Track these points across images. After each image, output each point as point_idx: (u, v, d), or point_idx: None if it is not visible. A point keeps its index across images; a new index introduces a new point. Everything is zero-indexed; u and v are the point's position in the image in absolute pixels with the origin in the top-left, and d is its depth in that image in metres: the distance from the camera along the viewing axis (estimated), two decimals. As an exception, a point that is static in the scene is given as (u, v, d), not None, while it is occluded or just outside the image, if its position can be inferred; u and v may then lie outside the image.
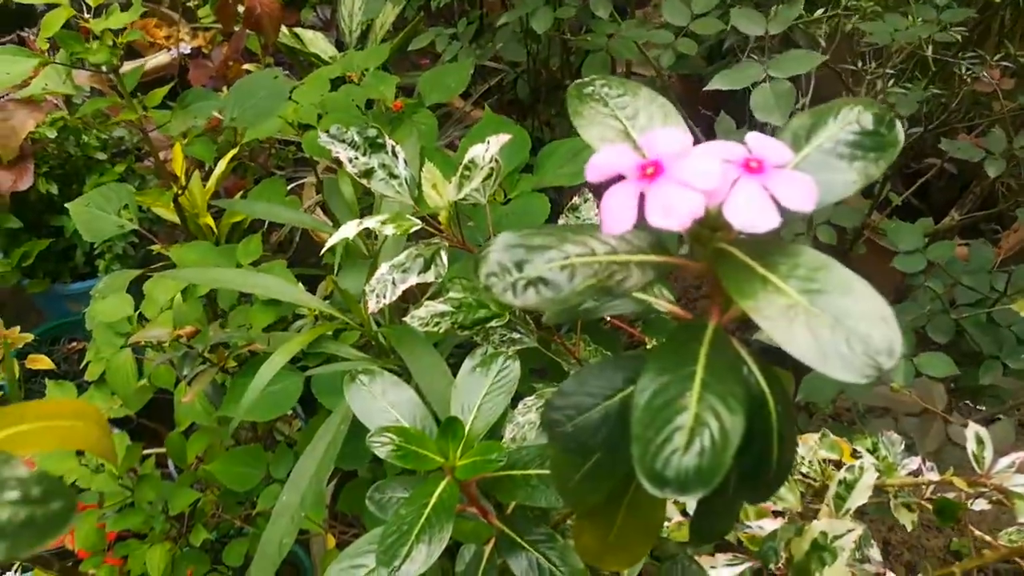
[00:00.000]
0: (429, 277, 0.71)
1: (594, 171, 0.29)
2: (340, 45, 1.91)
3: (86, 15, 1.02)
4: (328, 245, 0.75)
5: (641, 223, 0.30)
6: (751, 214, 0.28)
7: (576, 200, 0.89)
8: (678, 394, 0.28)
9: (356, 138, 0.78)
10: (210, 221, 1.37)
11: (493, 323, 0.85)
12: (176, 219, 1.40)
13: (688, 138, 0.29)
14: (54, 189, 1.50)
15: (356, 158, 0.77)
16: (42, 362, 1.49)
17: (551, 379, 0.97)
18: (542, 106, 1.58)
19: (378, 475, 1.07)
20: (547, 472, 0.51)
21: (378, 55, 1.38)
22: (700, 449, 0.26)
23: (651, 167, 0.28)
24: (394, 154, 0.78)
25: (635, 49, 0.99)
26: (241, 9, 1.51)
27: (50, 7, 1.52)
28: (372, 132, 0.78)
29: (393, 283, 0.70)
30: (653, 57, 1.04)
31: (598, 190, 0.98)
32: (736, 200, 0.28)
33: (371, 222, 0.73)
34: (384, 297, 0.70)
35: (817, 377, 1.09)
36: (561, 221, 0.90)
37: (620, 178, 0.30)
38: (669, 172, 0.28)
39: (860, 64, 1.25)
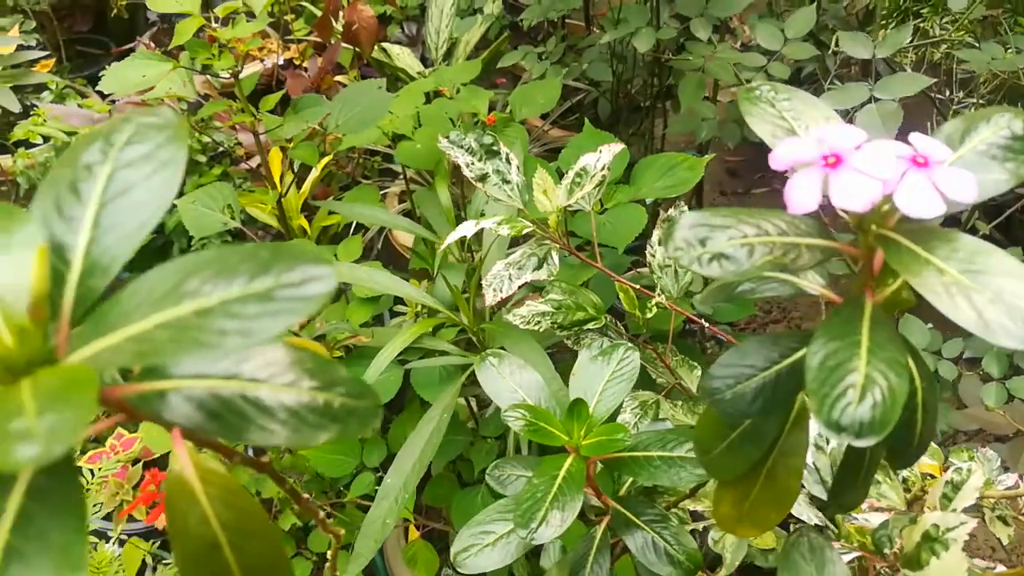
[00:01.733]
0: (542, 275, 0.76)
1: (778, 161, 0.33)
2: (424, 60, 1.98)
3: (214, 24, 1.10)
4: (447, 242, 0.80)
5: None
6: (921, 202, 0.31)
7: (672, 212, 0.93)
8: (847, 358, 0.32)
9: (473, 144, 0.83)
10: (304, 223, 1.44)
11: (590, 325, 0.89)
12: (269, 220, 1.47)
13: (863, 134, 0.33)
14: (158, 188, 1.59)
15: (472, 163, 0.82)
16: (137, 351, 1.58)
17: (636, 386, 1.01)
18: (622, 126, 1.63)
19: (463, 471, 1.11)
20: (667, 454, 0.55)
21: (470, 70, 1.45)
22: (873, 403, 0.30)
23: (832, 157, 0.32)
24: (507, 160, 0.83)
25: (731, 71, 1.03)
26: (337, 23, 1.59)
27: (163, 17, 1.62)
28: (488, 139, 0.83)
29: (509, 279, 0.75)
30: (745, 79, 1.08)
31: (688, 202, 1.02)
32: (907, 190, 0.32)
33: (487, 223, 0.78)
34: (501, 291, 0.75)
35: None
36: (656, 232, 0.93)
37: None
38: (849, 162, 0.32)
39: (948, 93, 1.27)
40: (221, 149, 1.72)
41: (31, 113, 1.65)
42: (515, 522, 0.51)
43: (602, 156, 0.76)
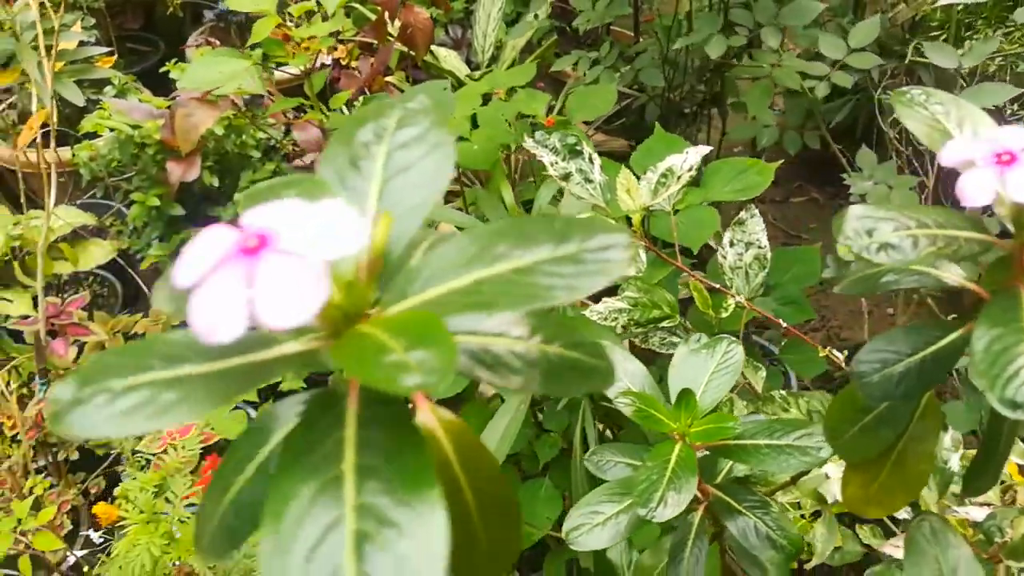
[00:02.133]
0: (630, 271, 0.78)
1: (948, 159, 0.36)
2: (469, 63, 2.01)
3: (289, 23, 1.13)
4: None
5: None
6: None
7: (743, 215, 0.95)
8: (1013, 343, 0.34)
9: (558, 144, 0.85)
10: (360, 220, 1.47)
11: (664, 323, 0.91)
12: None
13: (1031, 134, 0.35)
14: (215, 182, 1.62)
15: (556, 163, 0.85)
16: (189, 342, 1.61)
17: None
18: (670, 129, 1.65)
19: (525, 464, 1.13)
20: (775, 442, 0.57)
21: (525, 73, 1.47)
22: (1047, 383, 0.32)
23: (1006, 155, 0.34)
24: (590, 160, 0.85)
25: (797, 78, 1.05)
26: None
27: (219, 16, 1.64)
28: (571, 139, 0.86)
29: (600, 273, 0.77)
30: (808, 88, 1.10)
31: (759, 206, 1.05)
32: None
33: (576, 218, 0.80)
34: (592, 285, 0.77)
35: (953, 408, 1.12)
36: (727, 235, 0.96)
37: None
38: (1023, 160, 0.34)
39: (1003, 104, 1.29)
40: (272, 144, 1.75)
41: (96, 107, 1.69)
42: (635, 501, 0.53)
43: (688, 158, 0.79)
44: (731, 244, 0.93)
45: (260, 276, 0.20)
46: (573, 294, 0.21)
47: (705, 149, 0.79)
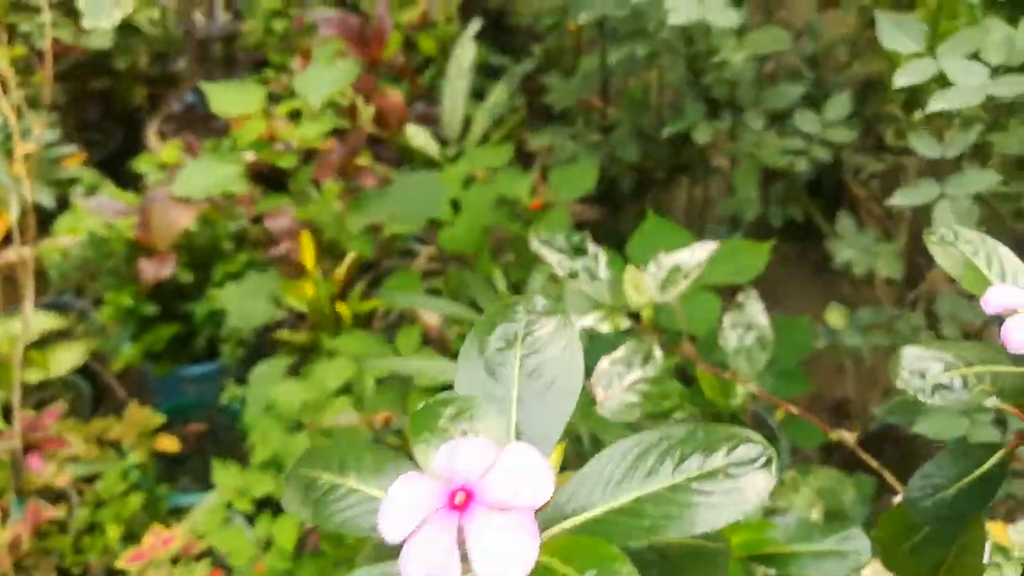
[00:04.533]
0: (649, 371, 0.80)
1: (991, 305, 0.38)
2: (437, 137, 2.04)
3: (275, 123, 1.15)
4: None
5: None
6: None
7: (740, 298, 0.98)
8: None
9: (563, 244, 0.87)
10: (344, 309, 1.46)
11: (677, 414, 0.93)
12: (301, 307, 1.49)
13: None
14: (189, 277, 1.60)
15: (563, 261, 0.87)
16: (170, 443, 1.56)
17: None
18: (648, 200, 1.70)
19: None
20: (816, 547, 0.59)
21: (503, 153, 1.50)
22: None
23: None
24: (596, 259, 0.88)
25: (779, 157, 1.09)
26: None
27: (187, 107, 1.64)
28: (576, 239, 0.88)
29: (618, 376, 0.79)
30: (787, 164, 1.14)
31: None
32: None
33: (589, 320, 0.82)
34: (610, 387, 0.78)
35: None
36: (727, 319, 0.98)
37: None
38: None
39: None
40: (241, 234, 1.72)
41: (61, 206, 1.67)
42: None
43: (696, 253, 0.81)
44: (732, 327, 0.96)
45: (473, 531, 0.21)
46: (734, 515, 0.23)
47: (712, 245, 0.82)
